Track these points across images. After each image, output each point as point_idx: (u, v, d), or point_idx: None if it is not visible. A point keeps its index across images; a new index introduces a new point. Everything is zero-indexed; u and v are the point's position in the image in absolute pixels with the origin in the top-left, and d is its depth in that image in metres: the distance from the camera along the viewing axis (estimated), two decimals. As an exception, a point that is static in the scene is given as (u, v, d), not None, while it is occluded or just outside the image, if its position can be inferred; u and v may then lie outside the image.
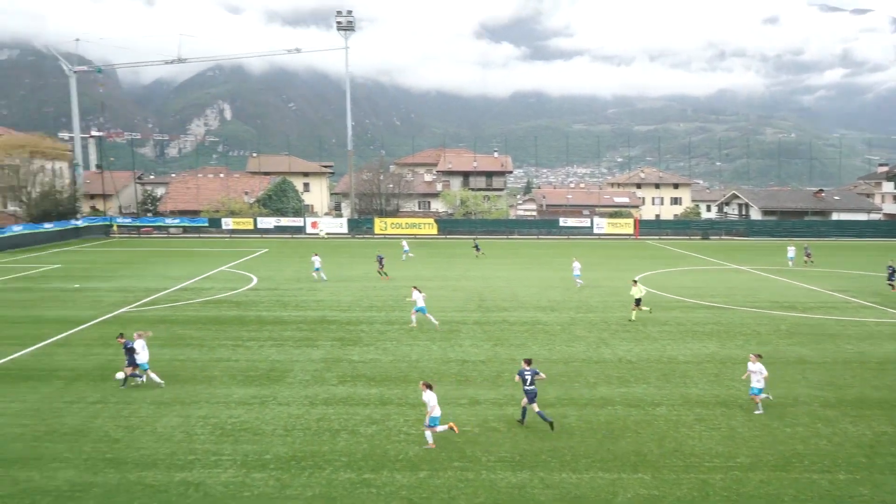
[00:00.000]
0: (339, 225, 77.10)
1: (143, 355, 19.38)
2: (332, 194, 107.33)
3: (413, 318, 27.56)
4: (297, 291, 36.30)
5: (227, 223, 75.16)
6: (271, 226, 75.46)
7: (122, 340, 19.65)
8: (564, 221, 77.27)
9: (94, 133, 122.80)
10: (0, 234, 58.42)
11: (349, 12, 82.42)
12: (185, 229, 76.48)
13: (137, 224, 76.75)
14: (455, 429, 15.60)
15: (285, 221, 76.46)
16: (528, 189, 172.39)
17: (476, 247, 55.32)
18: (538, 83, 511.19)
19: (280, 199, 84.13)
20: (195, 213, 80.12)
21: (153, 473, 13.87)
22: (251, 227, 75.10)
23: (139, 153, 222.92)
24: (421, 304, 26.98)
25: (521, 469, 14.16)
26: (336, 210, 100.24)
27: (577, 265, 38.66)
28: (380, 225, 75.71)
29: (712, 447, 15.32)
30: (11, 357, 22.75)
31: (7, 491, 13.06)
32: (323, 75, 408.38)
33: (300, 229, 75.37)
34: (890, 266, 37.82)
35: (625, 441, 15.67)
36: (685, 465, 14.41)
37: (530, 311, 31.23)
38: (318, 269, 40.55)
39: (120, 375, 19.38)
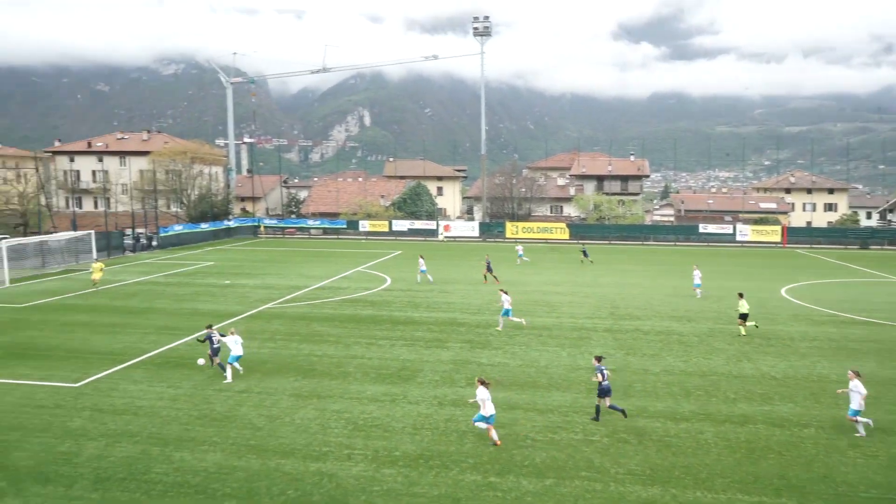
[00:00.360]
0: (471, 228, 77.85)
1: (236, 349, 20.70)
2: (464, 198, 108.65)
3: (514, 319, 28.11)
4: (428, 293, 37.02)
5: (364, 225, 77.95)
6: (405, 228, 77.44)
7: (209, 331, 21.38)
8: (704, 228, 73.72)
9: (246, 140, 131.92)
10: (164, 232, 63.95)
11: (486, 18, 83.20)
12: (325, 231, 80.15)
13: (282, 225, 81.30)
14: (498, 442, 15.52)
15: (419, 224, 78.22)
16: (665, 194, 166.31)
17: (584, 252, 53.09)
18: (679, 84, 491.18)
19: (414, 203, 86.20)
20: (334, 215, 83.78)
21: (290, 462, 14.61)
22: (386, 229, 77.44)
23: (285, 158, 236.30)
24: (507, 306, 27.57)
25: (651, 484, 13.63)
26: (468, 213, 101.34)
27: (697, 273, 36.91)
28: (511, 229, 75.70)
29: (868, 476, 14.02)
30: (170, 346, 24.78)
31: (164, 469, 14.24)
32: (459, 80, 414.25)
33: (433, 232, 76.83)
34: None
35: (767, 462, 14.69)
36: (836, 493, 13.28)
37: (665, 320, 30.05)
38: (423, 272, 41.21)
39: (201, 362, 21.06)
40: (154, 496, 13.03)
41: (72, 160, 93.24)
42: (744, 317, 27.03)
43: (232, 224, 77.63)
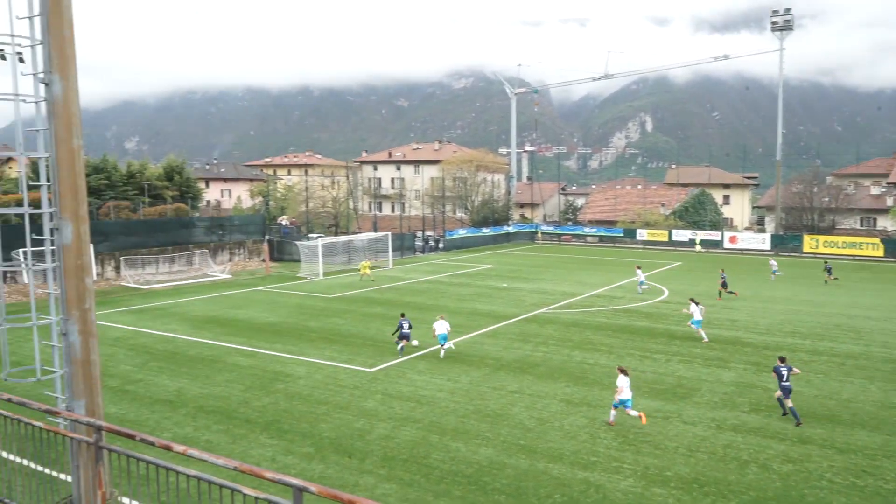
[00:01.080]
0: (762, 241, 71.46)
1: (441, 329, 23.72)
2: (754, 207, 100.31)
3: (701, 333, 26.95)
4: (709, 309, 34.64)
5: (642, 234, 75.71)
6: (686, 238, 73.64)
7: (403, 319, 24.60)
8: None
9: (527, 148, 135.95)
10: (449, 235, 68.66)
11: (787, 11, 75.93)
12: (601, 238, 79.41)
13: (559, 232, 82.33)
14: (643, 419, 16.64)
15: (702, 235, 73.82)
16: None
17: (828, 270, 45.65)
18: None
19: (697, 212, 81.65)
20: (611, 223, 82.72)
21: (558, 466, 14.66)
22: (665, 239, 74.39)
23: (564, 166, 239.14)
24: (698, 317, 26.81)
25: None
26: (758, 225, 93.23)
27: None
28: (810, 243, 67.93)
29: None
30: (453, 341, 26.41)
31: (441, 456, 15.20)
32: (752, 80, 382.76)
33: (717, 243, 71.96)
34: None
35: None
36: None
37: None
38: (642, 283, 39.76)
39: (416, 342, 24.75)
40: (432, 480, 13.96)
41: (375, 169, 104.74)
42: None
43: (511, 229, 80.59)
